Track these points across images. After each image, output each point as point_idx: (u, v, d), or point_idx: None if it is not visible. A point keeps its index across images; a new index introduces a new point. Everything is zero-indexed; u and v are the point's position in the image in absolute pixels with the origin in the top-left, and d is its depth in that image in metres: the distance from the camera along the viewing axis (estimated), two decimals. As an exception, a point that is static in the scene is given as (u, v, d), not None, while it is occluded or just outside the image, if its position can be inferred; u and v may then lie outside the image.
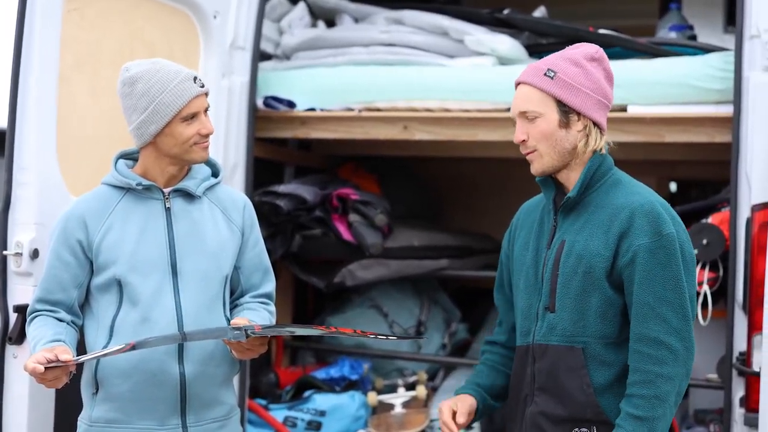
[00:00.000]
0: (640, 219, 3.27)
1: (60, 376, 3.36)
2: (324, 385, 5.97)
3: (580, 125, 3.37)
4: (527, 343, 3.44)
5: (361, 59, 5.81)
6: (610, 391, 3.31)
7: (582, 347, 3.31)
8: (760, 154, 4.60)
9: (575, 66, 3.37)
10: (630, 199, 3.33)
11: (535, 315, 3.42)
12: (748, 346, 4.54)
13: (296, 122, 5.79)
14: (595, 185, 3.40)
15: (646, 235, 3.25)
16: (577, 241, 3.35)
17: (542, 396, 3.37)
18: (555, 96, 3.35)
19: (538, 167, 3.42)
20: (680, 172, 7.02)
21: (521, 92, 3.42)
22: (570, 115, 3.36)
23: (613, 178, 3.42)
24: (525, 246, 3.53)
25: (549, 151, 3.38)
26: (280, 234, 5.95)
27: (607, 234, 3.30)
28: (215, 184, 3.72)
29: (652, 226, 3.26)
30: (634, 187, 3.40)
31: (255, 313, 3.68)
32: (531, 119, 3.38)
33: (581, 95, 3.35)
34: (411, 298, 6.51)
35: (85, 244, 3.54)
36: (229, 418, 3.69)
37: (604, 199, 3.37)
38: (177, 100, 3.50)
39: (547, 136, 3.36)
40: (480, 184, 7.38)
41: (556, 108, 3.35)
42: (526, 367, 3.44)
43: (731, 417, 4.70)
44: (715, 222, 5.04)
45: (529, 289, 3.46)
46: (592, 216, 3.36)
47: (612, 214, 3.32)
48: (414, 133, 5.66)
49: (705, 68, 5.14)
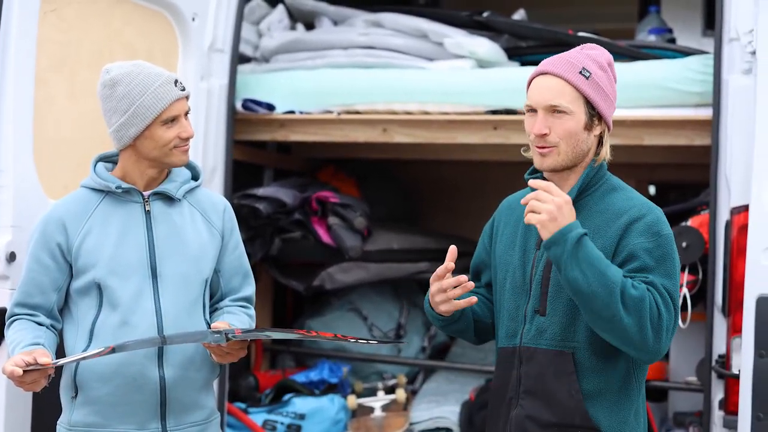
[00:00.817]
0: (639, 222, 3.25)
1: (38, 380, 3.33)
2: (303, 388, 5.97)
3: (598, 130, 3.33)
4: (513, 345, 3.38)
5: (340, 62, 5.81)
6: (599, 397, 3.27)
7: (572, 352, 3.27)
8: (739, 156, 4.61)
9: (601, 70, 3.32)
10: (628, 204, 3.31)
11: (522, 317, 3.37)
12: (728, 348, 4.55)
13: (275, 125, 5.78)
14: (590, 189, 3.36)
15: (644, 235, 3.22)
16: None
17: (529, 400, 3.32)
18: (588, 97, 3.28)
19: (551, 163, 3.32)
20: (659, 175, 7.03)
21: (552, 84, 3.30)
22: (594, 119, 3.31)
23: (609, 183, 3.39)
24: (510, 245, 3.47)
25: (569, 150, 3.30)
26: (259, 237, 5.94)
27: (605, 239, 3.26)
28: (195, 187, 3.70)
29: (651, 227, 3.24)
30: (630, 193, 3.37)
31: (235, 317, 3.66)
32: (558, 114, 3.29)
33: (608, 101, 3.33)
34: (390, 302, 6.52)
35: (65, 247, 3.52)
36: (209, 422, 3.67)
37: (599, 204, 3.33)
38: (157, 103, 3.48)
39: (571, 135, 3.28)
40: (459, 187, 7.38)
41: (585, 109, 3.29)
42: (511, 370, 3.38)
43: (710, 419, 4.70)
44: (694, 225, 5.05)
45: (516, 290, 3.40)
46: (587, 220, 3.30)
47: (609, 219, 3.29)
48: (393, 135, 5.66)
49: (684, 71, 5.15)
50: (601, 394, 3.28)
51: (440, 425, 5.71)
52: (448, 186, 7.41)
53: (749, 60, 4.61)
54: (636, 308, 3.10)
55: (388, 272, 6.13)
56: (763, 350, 4.14)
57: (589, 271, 3.10)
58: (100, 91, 3.54)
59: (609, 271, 3.11)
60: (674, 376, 5.74)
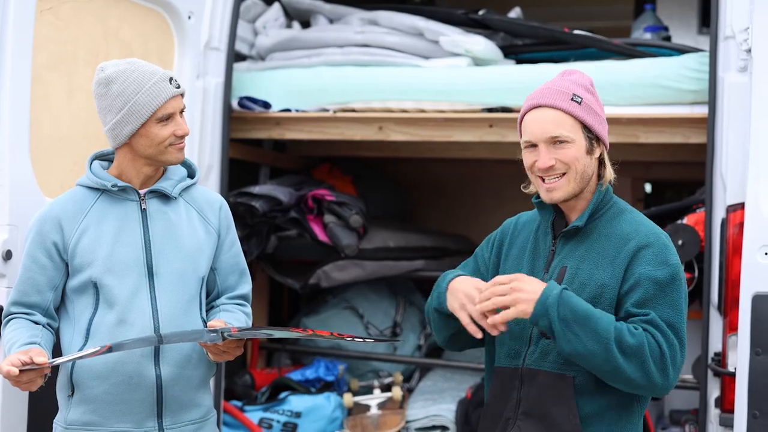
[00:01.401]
0: (647, 249, 3.25)
1: (34, 379, 3.33)
2: (299, 386, 5.97)
3: (598, 152, 3.36)
4: (516, 365, 3.37)
5: (336, 60, 5.81)
6: (597, 420, 3.27)
7: (573, 376, 3.26)
8: (735, 154, 4.61)
9: (588, 93, 3.34)
10: (636, 228, 3.31)
11: (528, 339, 3.36)
12: (723, 346, 4.55)
13: (271, 123, 5.78)
14: (598, 213, 3.37)
15: (651, 264, 3.23)
16: (580, 269, 3.30)
17: (527, 421, 3.31)
18: (585, 122, 3.30)
19: (562, 195, 3.33)
20: (655, 173, 7.04)
21: (549, 116, 3.31)
22: (593, 142, 3.33)
23: (616, 207, 3.40)
24: (517, 266, 3.46)
25: (576, 177, 3.31)
26: (255, 235, 5.94)
27: (614, 265, 3.26)
28: (191, 185, 3.70)
29: (658, 256, 3.24)
30: (637, 216, 3.38)
31: (231, 315, 3.66)
32: (560, 144, 3.30)
33: (603, 123, 3.36)
34: (386, 299, 6.52)
35: (61, 246, 3.52)
36: (206, 420, 3.67)
37: (607, 228, 3.34)
38: (152, 101, 3.48)
39: (578, 162, 3.30)
40: (455, 185, 7.38)
41: (583, 135, 3.31)
42: (511, 390, 3.38)
43: (706, 417, 4.70)
44: (690, 223, 5.05)
45: None
46: (595, 244, 3.32)
47: (618, 245, 3.29)
48: (389, 133, 5.66)
49: (680, 69, 5.16)
50: (600, 416, 3.28)
51: (436, 423, 5.71)
52: (443, 184, 7.42)
53: (745, 58, 4.61)
54: (636, 355, 3.13)
55: (384, 270, 6.13)
56: (759, 348, 4.14)
57: (582, 332, 3.13)
58: (95, 90, 3.54)
59: (600, 326, 3.13)
60: (670, 374, 5.73)
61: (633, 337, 3.13)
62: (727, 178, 4.64)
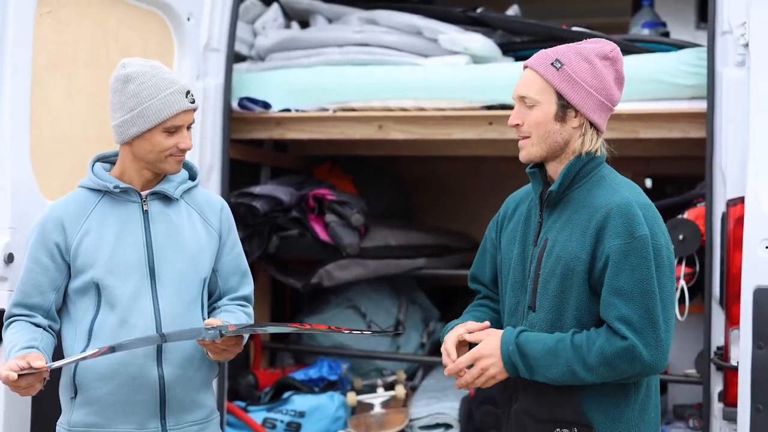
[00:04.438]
0: (615, 219, 3.20)
1: (33, 384, 3.32)
2: (303, 386, 5.97)
3: (576, 122, 3.30)
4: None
5: (335, 59, 5.82)
6: (592, 394, 3.26)
7: None
8: (734, 148, 4.61)
9: (585, 61, 3.29)
10: (609, 198, 3.26)
11: (521, 313, 3.38)
12: (726, 340, 4.55)
13: (271, 123, 5.79)
14: (579, 182, 3.33)
15: (619, 237, 3.18)
16: (557, 240, 3.29)
17: (525, 395, 3.34)
18: (556, 88, 3.27)
19: (525, 155, 3.35)
20: (655, 169, 7.05)
21: (525, 76, 3.35)
22: (567, 110, 3.29)
23: (598, 176, 3.34)
24: (512, 240, 3.47)
25: (540, 141, 3.31)
26: (256, 235, 5.95)
27: (584, 235, 3.24)
28: (192, 186, 3.71)
29: (625, 227, 3.19)
30: (616, 186, 3.32)
31: (231, 315, 3.66)
32: (529, 105, 3.31)
33: (583, 93, 3.28)
34: (388, 298, 6.52)
35: (63, 247, 3.52)
36: (209, 421, 3.67)
37: (585, 198, 3.30)
38: (164, 110, 3.48)
39: (540, 126, 3.30)
40: (455, 183, 7.39)
41: (555, 100, 3.28)
42: None
43: (710, 412, 4.71)
44: (690, 217, 5.06)
45: (516, 286, 3.41)
46: (573, 215, 3.30)
47: (590, 215, 3.25)
48: (389, 132, 5.67)
49: (678, 64, 5.17)
50: (594, 390, 3.26)
51: (440, 421, 5.71)
52: (444, 182, 7.42)
53: (742, 52, 4.61)
54: (606, 363, 3.18)
55: (386, 269, 6.13)
56: (762, 341, 4.15)
57: (549, 371, 3.22)
58: (112, 84, 3.53)
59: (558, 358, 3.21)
60: (673, 369, 5.74)
61: (591, 353, 3.18)
62: (726, 173, 4.64)
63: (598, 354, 3.16)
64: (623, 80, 3.38)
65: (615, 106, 3.37)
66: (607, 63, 3.32)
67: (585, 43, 3.37)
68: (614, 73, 3.34)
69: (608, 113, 3.36)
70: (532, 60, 3.35)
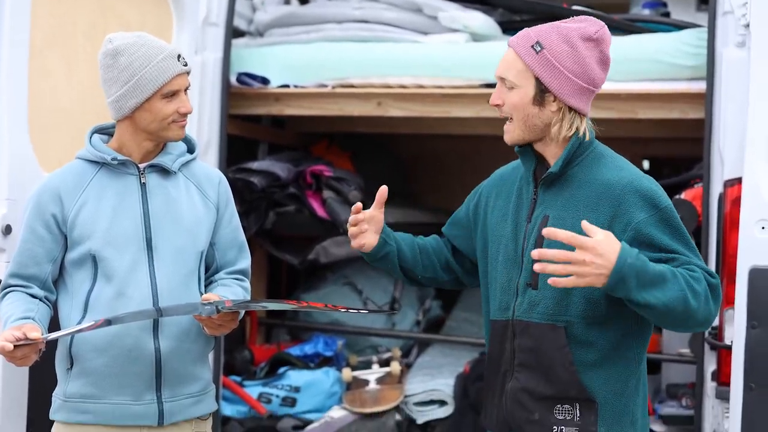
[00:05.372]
0: (632, 196, 3.20)
1: (29, 354, 3.32)
2: (298, 361, 5.99)
3: (555, 107, 3.27)
4: (506, 318, 3.37)
5: (334, 36, 5.81)
6: (594, 369, 3.26)
7: (564, 326, 3.25)
8: (732, 129, 4.61)
9: (566, 44, 3.25)
10: (618, 174, 3.25)
11: (515, 290, 3.35)
12: (720, 320, 4.56)
13: (270, 99, 5.79)
14: (576, 160, 3.31)
15: (643, 210, 3.18)
16: (564, 218, 3.26)
17: (524, 373, 3.32)
18: (534, 72, 3.25)
19: (509, 138, 3.36)
20: (653, 150, 7.05)
21: (507, 56, 3.34)
22: (546, 95, 3.26)
23: (596, 152, 3.34)
24: (503, 217, 3.45)
25: (520, 123, 3.30)
26: (253, 211, 5.95)
27: (597, 212, 3.21)
28: (191, 160, 3.71)
29: (646, 200, 3.19)
30: (618, 162, 3.32)
31: (228, 289, 3.66)
32: (508, 87, 3.32)
33: (561, 78, 3.25)
34: (385, 275, 6.52)
35: (60, 218, 3.52)
36: (205, 394, 3.68)
37: (587, 175, 3.29)
38: (159, 77, 3.48)
39: (518, 109, 3.29)
40: (454, 161, 7.39)
41: (533, 83, 3.26)
42: (504, 343, 3.38)
43: (703, 391, 4.73)
44: (687, 197, 5.06)
45: (509, 263, 3.38)
46: (577, 192, 3.28)
47: (600, 192, 3.24)
48: (388, 109, 5.67)
49: (678, 45, 5.16)
50: (596, 365, 3.26)
51: (435, 397, 5.73)
52: (442, 160, 7.43)
53: (743, 33, 4.60)
54: (709, 295, 3.11)
55: (383, 246, 6.13)
56: (756, 321, 4.16)
57: (664, 292, 3.03)
58: (101, 60, 3.53)
59: (675, 281, 3.05)
60: (667, 348, 5.76)
61: (698, 282, 3.09)
62: (724, 153, 4.64)
63: (705, 285, 3.11)
64: (608, 61, 3.33)
65: (598, 88, 3.33)
66: (590, 45, 3.27)
67: (570, 22, 3.33)
68: (598, 55, 3.29)
69: (590, 96, 3.32)
70: (515, 39, 3.34)
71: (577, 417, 3.28)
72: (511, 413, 3.35)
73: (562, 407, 3.28)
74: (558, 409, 3.29)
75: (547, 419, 3.29)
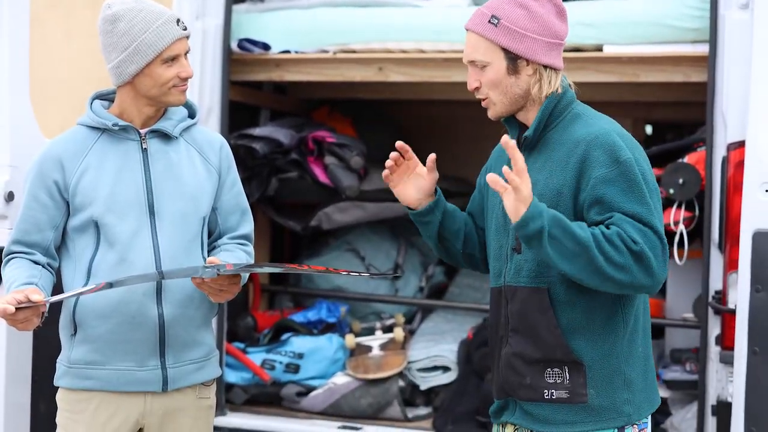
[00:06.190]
0: (596, 150, 3.19)
1: (30, 318, 3.32)
2: (302, 328, 5.99)
3: (530, 70, 3.30)
4: (499, 284, 3.41)
5: (335, 1, 5.78)
6: (578, 331, 3.27)
7: (547, 288, 3.27)
8: (735, 92, 4.60)
9: (520, 8, 3.28)
10: (586, 131, 3.26)
11: (505, 256, 3.38)
12: (724, 284, 4.57)
13: (271, 65, 5.76)
14: (554, 122, 3.33)
15: (603, 166, 3.17)
16: (538, 180, 3.27)
17: (515, 337, 3.34)
18: (499, 44, 3.27)
19: (493, 113, 3.38)
20: (656, 115, 7.03)
21: (469, 39, 3.34)
22: (518, 62, 3.28)
23: (573, 113, 3.35)
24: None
25: (501, 98, 3.32)
26: (256, 177, 5.94)
27: (565, 170, 3.23)
28: (192, 125, 3.70)
29: (608, 154, 3.18)
30: (592, 119, 3.32)
31: (231, 254, 3.66)
32: (481, 67, 3.32)
33: (527, 41, 3.27)
34: (388, 241, 6.53)
35: (62, 184, 3.52)
36: (208, 360, 3.68)
37: (562, 135, 3.31)
38: (159, 41, 3.47)
39: (496, 84, 3.30)
40: (455, 127, 7.36)
41: (503, 56, 3.28)
42: (500, 309, 3.41)
43: (707, 355, 4.73)
44: (691, 161, 5.05)
45: (499, 230, 3.41)
46: (552, 154, 3.30)
47: (569, 149, 3.25)
48: (389, 74, 5.64)
49: (681, 7, 5.13)
50: (582, 327, 3.26)
51: (438, 363, 5.74)
52: (444, 126, 7.40)
53: (747, -6, 4.59)
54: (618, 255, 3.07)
55: (386, 212, 6.13)
56: (760, 285, 4.16)
57: (565, 238, 3.06)
58: (100, 26, 3.52)
59: (580, 233, 3.07)
60: (671, 313, 5.76)
61: (611, 238, 3.08)
62: (727, 116, 4.63)
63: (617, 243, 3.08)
64: (565, 11, 3.36)
65: (564, 40, 3.36)
66: (542, 2, 3.30)
67: None
68: (553, 8, 3.33)
69: (559, 49, 3.35)
70: (471, 22, 3.34)
71: (566, 380, 3.28)
72: (505, 378, 3.38)
73: (552, 371, 3.29)
74: (548, 373, 3.30)
75: (539, 383, 3.31)
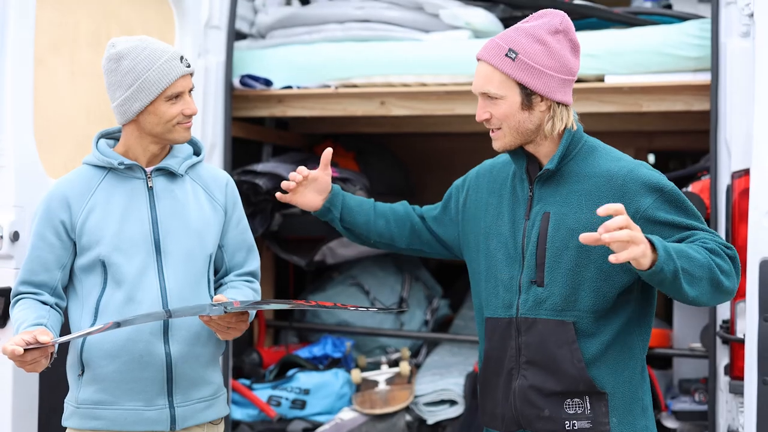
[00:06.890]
0: (634, 184, 3.22)
1: (39, 359, 3.30)
2: (307, 363, 5.98)
3: (544, 106, 3.29)
4: (510, 315, 3.37)
5: (336, 36, 5.80)
6: (600, 361, 3.27)
7: (573, 321, 3.27)
8: (739, 120, 4.60)
9: (538, 43, 3.25)
10: (617, 165, 3.28)
11: (517, 288, 3.36)
12: (732, 313, 4.54)
13: (273, 100, 5.77)
14: (570, 155, 3.34)
15: (648, 196, 3.21)
16: (565, 213, 3.28)
17: (531, 370, 3.32)
18: (516, 79, 3.25)
19: (500, 145, 3.36)
20: (658, 143, 7.03)
21: (482, 71, 3.32)
22: (533, 98, 3.27)
23: (588, 146, 3.37)
24: (498, 215, 3.46)
25: (511, 131, 3.31)
26: (259, 213, 5.94)
27: (600, 204, 3.16)
28: (197, 162, 3.70)
29: (648, 186, 3.21)
30: (613, 153, 3.36)
31: (238, 291, 3.65)
32: (492, 99, 3.30)
33: (544, 78, 3.26)
34: (392, 275, 6.52)
35: (69, 224, 3.51)
36: (216, 398, 3.67)
37: (583, 168, 3.32)
38: (163, 79, 3.47)
39: (508, 118, 3.29)
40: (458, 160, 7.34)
41: (518, 90, 3.27)
42: (509, 340, 3.37)
43: (716, 385, 4.71)
44: (695, 190, 5.05)
45: (510, 261, 3.39)
46: (575, 186, 3.30)
47: (601, 184, 3.26)
48: (391, 108, 5.66)
49: (682, 36, 5.15)
50: (604, 356, 3.28)
51: (445, 397, 5.72)
52: (446, 158, 7.41)
53: (747, 23, 4.60)
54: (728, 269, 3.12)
55: (390, 246, 6.12)
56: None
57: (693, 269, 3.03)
58: (105, 65, 3.53)
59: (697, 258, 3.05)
60: (678, 343, 5.74)
61: (714, 249, 3.11)
62: (731, 145, 4.63)
63: (728, 260, 3.14)
64: (578, 47, 3.35)
65: (576, 75, 3.36)
66: (559, 37, 3.29)
67: (532, 20, 3.33)
68: (569, 44, 3.31)
69: (571, 85, 3.35)
70: (486, 52, 3.31)
71: (588, 410, 3.29)
72: (521, 411, 3.35)
73: (572, 401, 3.29)
74: (568, 404, 3.30)
75: (558, 414, 3.30)
